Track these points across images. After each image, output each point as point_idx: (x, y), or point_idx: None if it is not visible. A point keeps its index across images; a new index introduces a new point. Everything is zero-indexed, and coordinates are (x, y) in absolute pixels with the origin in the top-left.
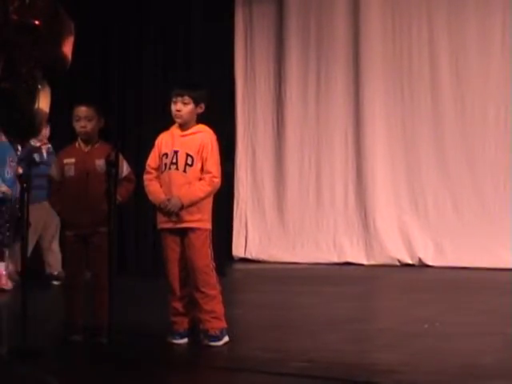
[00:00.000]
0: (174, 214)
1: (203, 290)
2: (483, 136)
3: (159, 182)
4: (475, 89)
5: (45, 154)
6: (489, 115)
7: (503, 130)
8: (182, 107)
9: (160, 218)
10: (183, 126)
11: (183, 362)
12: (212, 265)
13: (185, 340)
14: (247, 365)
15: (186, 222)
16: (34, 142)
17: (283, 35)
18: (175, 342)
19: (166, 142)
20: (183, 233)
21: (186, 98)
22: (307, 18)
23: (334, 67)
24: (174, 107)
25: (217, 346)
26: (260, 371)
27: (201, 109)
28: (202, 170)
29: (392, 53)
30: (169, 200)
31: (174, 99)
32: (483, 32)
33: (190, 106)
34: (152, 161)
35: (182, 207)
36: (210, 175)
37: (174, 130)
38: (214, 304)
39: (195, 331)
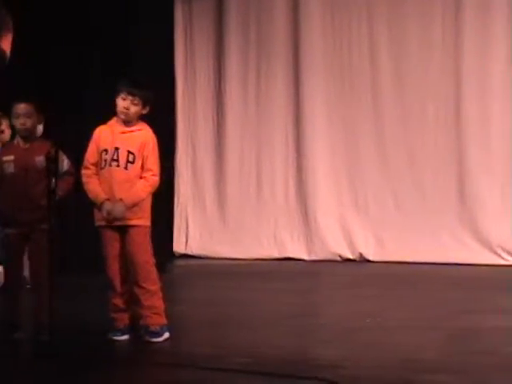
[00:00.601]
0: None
1: (143, 285)
2: (423, 131)
3: (98, 179)
4: (415, 84)
5: None
6: (429, 110)
7: (443, 125)
8: (131, 106)
9: (98, 214)
10: (125, 123)
11: (124, 359)
12: (152, 261)
13: (126, 336)
14: (189, 361)
15: (126, 219)
16: None
17: (223, 32)
18: (116, 338)
19: (106, 137)
20: (123, 229)
21: (137, 99)
22: (247, 15)
23: (274, 64)
24: (121, 103)
25: (158, 342)
26: (202, 367)
27: (146, 110)
28: (142, 167)
29: (332, 49)
30: (113, 206)
31: (123, 95)
32: (423, 27)
33: (139, 107)
34: (91, 156)
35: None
36: (151, 173)
37: (114, 125)
38: (154, 300)
39: (136, 327)
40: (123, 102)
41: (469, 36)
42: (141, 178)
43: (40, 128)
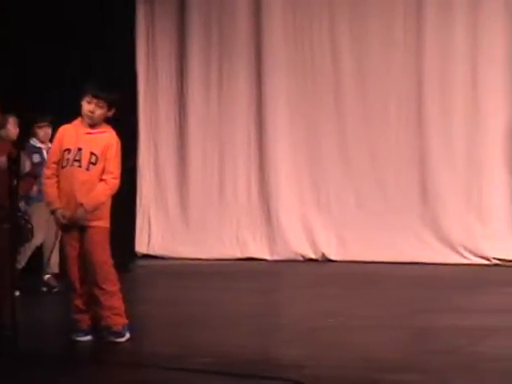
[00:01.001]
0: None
1: (103, 286)
2: (385, 130)
3: (58, 178)
4: (377, 83)
5: (45, 154)
6: (391, 109)
7: (405, 124)
8: (96, 109)
9: None
10: (90, 125)
11: (88, 359)
12: (110, 261)
13: (89, 337)
14: (152, 361)
15: (85, 220)
16: (35, 143)
17: (185, 33)
18: (79, 339)
19: (69, 137)
20: (82, 230)
21: (102, 102)
22: (209, 16)
23: (236, 65)
24: (87, 106)
25: (120, 343)
26: (165, 367)
27: (110, 113)
28: (103, 169)
29: (294, 49)
30: (76, 214)
31: (88, 99)
32: (385, 26)
33: (104, 110)
34: (53, 155)
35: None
36: (111, 176)
37: (79, 125)
38: (114, 300)
39: (98, 328)
40: (88, 106)
41: (430, 35)
42: (101, 180)
43: (10, 128)
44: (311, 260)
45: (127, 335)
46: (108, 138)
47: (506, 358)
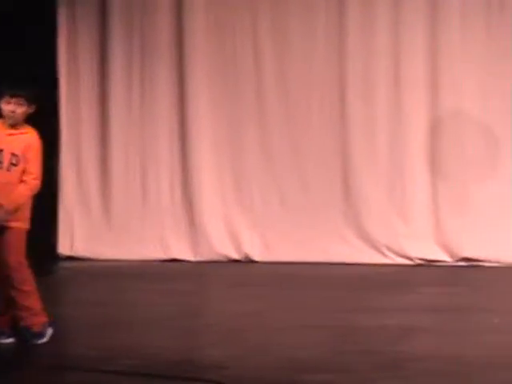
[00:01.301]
0: None
1: (19, 287)
2: (308, 128)
3: None
4: (299, 82)
5: None
6: (313, 107)
7: (327, 121)
8: (17, 108)
9: None
10: (12, 126)
11: (9, 362)
12: (25, 262)
13: (11, 339)
14: (75, 363)
15: (4, 221)
16: None
17: (107, 35)
18: (0, 341)
19: None
20: (0, 231)
21: (21, 100)
22: (130, 18)
23: (158, 66)
24: (7, 107)
25: (42, 343)
26: (88, 369)
27: (32, 109)
28: (24, 170)
29: (216, 49)
30: None
31: (6, 99)
32: (307, 23)
33: (24, 108)
34: None
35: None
36: (32, 176)
37: (0, 127)
38: (31, 300)
39: (18, 330)
40: (8, 106)
41: (352, 32)
42: (22, 181)
43: None
44: (235, 261)
45: (49, 333)
46: (29, 139)
47: (429, 357)
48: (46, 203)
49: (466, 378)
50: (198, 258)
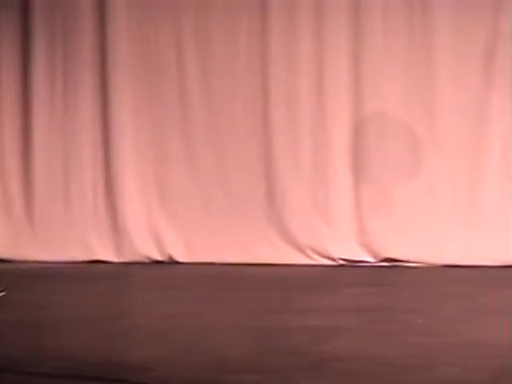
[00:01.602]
0: None
1: None
2: (231, 132)
3: None
4: (223, 87)
5: None
6: (237, 112)
7: (251, 126)
8: None
9: None
10: None
11: None
12: None
13: None
14: None
15: None
16: None
17: (29, 39)
18: None
19: None
20: None
21: None
22: (53, 23)
23: (80, 69)
24: None
25: None
26: (12, 371)
27: None
28: None
29: (139, 55)
30: None
31: None
32: (230, 29)
33: None
34: None
35: None
36: None
37: None
38: None
39: None
40: None
41: (275, 38)
42: None
43: None
44: (158, 262)
45: None
46: None
47: (352, 357)
48: None
49: (390, 378)
50: (121, 259)
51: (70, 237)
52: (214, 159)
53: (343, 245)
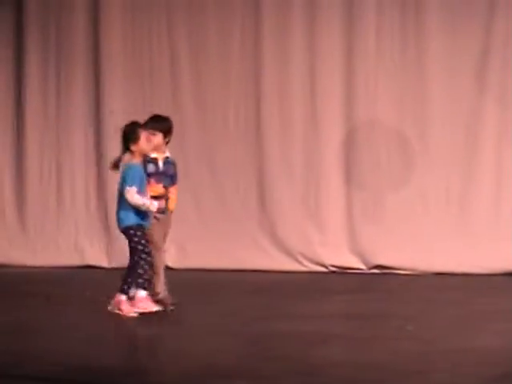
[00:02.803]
0: None
1: None
2: (224, 138)
3: None
4: (216, 93)
5: (161, 164)
6: (229, 118)
7: (243, 132)
8: None
9: None
10: None
11: None
12: None
13: None
14: None
15: None
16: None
17: (23, 39)
18: None
19: None
20: None
21: None
22: (47, 21)
23: (73, 70)
24: None
25: None
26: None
27: None
28: None
29: (132, 58)
30: None
31: None
32: (223, 33)
33: None
34: None
35: None
36: None
37: None
38: None
39: None
40: None
41: (268, 42)
42: None
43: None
44: None
45: None
46: None
47: (342, 363)
48: None
49: None
50: (113, 265)
51: (62, 241)
52: (207, 165)
53: (334, 252)
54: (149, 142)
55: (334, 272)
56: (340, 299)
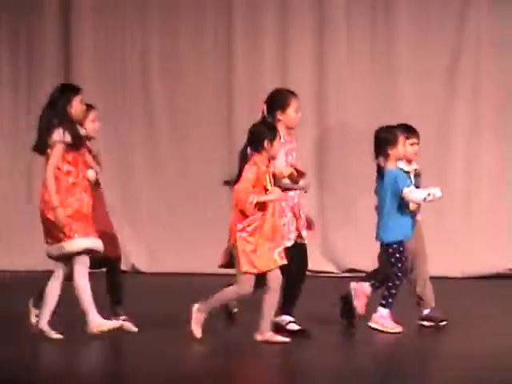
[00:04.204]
0: None
1: None
2: (197, 143)
3: None
4: (188, 98)
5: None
6: (201, 117)
7: (215, 132)
8: None
9: None
10: None
11: None
12: None
13: None
14: None
15: None
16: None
17: None
18: None
19: None
20: None
21: None
22: (17, 27)
23: (43, 76)
24: None
25: None
26: None
27: None
28: None
29: (104, 67)
30: None
31: None
32: (195, 35)
33: None
34: None
35: None
36: None
37: None
38: None
39: None
40: None
41: (240, 46)
42: None
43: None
44: (122, 272)
45: None
46: None
47: (315, 368)
48: None
49: None
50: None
51: (33, 245)
52: (179, 170)
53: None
54: None
55: (307, 276)
56: (313, 303)
